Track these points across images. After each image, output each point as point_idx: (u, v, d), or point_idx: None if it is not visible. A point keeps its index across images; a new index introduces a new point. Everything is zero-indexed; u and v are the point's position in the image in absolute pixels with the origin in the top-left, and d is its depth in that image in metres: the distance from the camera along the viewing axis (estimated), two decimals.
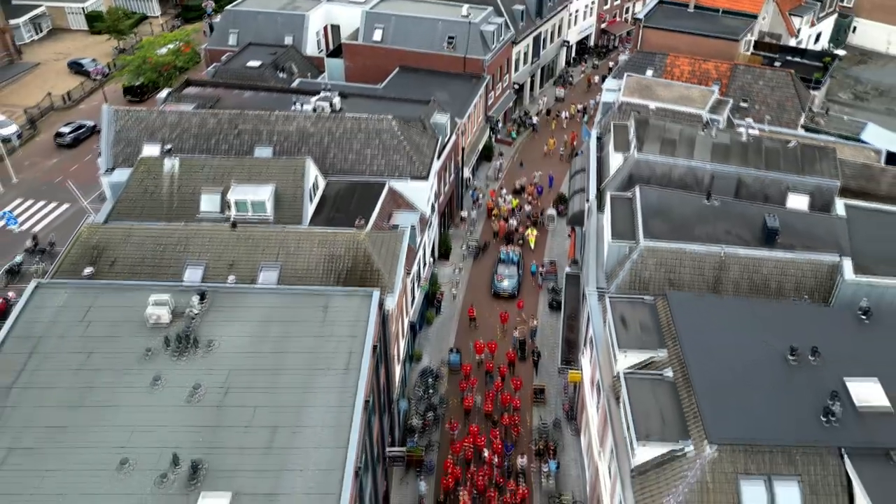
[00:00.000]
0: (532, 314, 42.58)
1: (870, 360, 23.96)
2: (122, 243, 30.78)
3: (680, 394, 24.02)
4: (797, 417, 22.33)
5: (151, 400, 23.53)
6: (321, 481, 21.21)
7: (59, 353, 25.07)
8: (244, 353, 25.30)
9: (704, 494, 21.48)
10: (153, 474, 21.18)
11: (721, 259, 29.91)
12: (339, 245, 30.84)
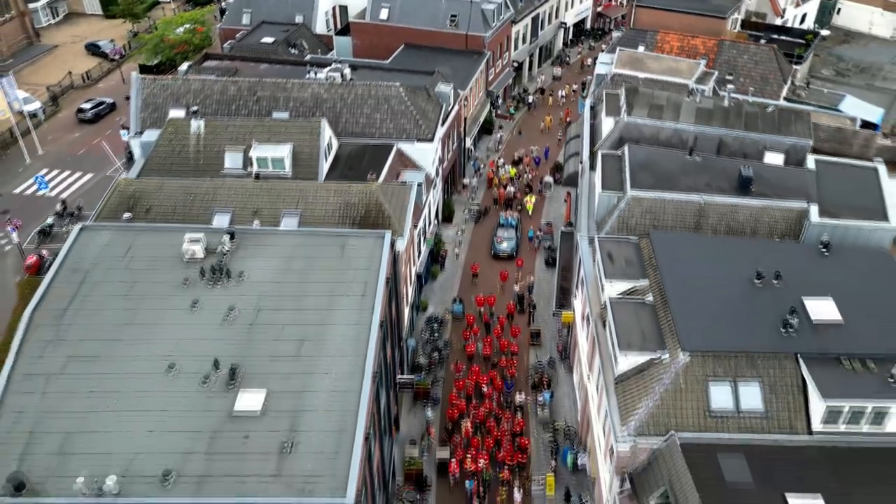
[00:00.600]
0: (529, 271, 45.74)
1: (826, 283, 27.07)
2: (155, 193, 33.87)
3: (658, 315, 27.14)
4: (760, 329, 25.48)
5: (191, 319, 26.62)
6: (344, 382, 24.31)
7: (106, 282, 28.15)
8: (271, 282, 28.37)
9: (678, 395, 24.60)
10: (197, 377, 24.30)
11: (701, 206, 32.91)
12: (353, 195, 33.92)
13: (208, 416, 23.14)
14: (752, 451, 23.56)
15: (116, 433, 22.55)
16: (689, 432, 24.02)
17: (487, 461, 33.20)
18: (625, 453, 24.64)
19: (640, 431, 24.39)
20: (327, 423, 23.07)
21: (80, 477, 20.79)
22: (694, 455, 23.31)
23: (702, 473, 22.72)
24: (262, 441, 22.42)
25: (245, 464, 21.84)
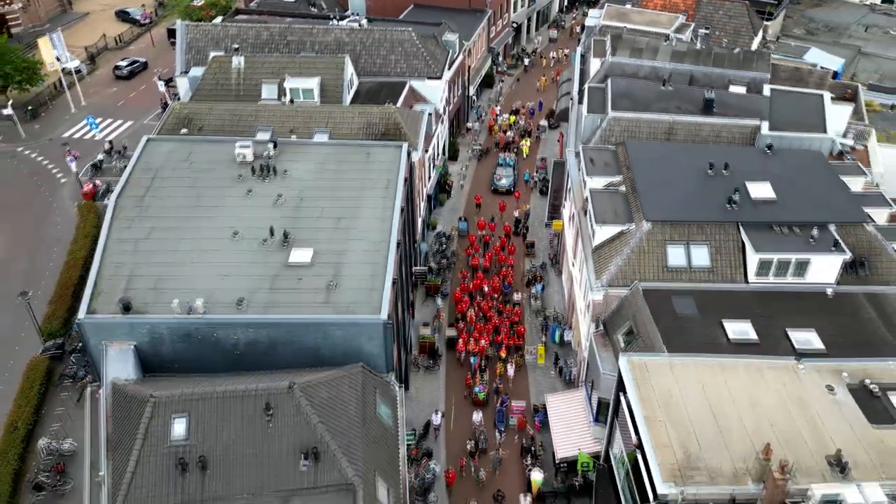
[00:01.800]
0: (526, 201, 51.64)
1: (766, 173, 33.04)
2: (206, 115, 39.73)
3: (629, 200, 33.08)
4: (709, 205, 31.51)
5: (248, 202, 32.56)
6: (374, 244, 30.29)
7: (174, 177, 34.06)
8: (310, 179, 34.31)
9: (641, 255, 30.62)
10: (257, 240, 30.28)
11: (670, 124, 38.78)
12: (374, 116, 39.78)
13: (269, 266, 29.16)
14: (699, 295, 29.60)
15: (196, 276, 28.60)
16: (650, 282, 30.08)
17: (488, 341, 39.34)
18: (599, 301, 30.67)
19: (611, 283, 30.41)
20: (363, 270, 29.09)
21: (175, 300, 26.86)
22: (652, 298, 29.35)
23: (658, 309, 28.78)
24: (312, 281, 28.46)
25: (301, 295, 27.90)
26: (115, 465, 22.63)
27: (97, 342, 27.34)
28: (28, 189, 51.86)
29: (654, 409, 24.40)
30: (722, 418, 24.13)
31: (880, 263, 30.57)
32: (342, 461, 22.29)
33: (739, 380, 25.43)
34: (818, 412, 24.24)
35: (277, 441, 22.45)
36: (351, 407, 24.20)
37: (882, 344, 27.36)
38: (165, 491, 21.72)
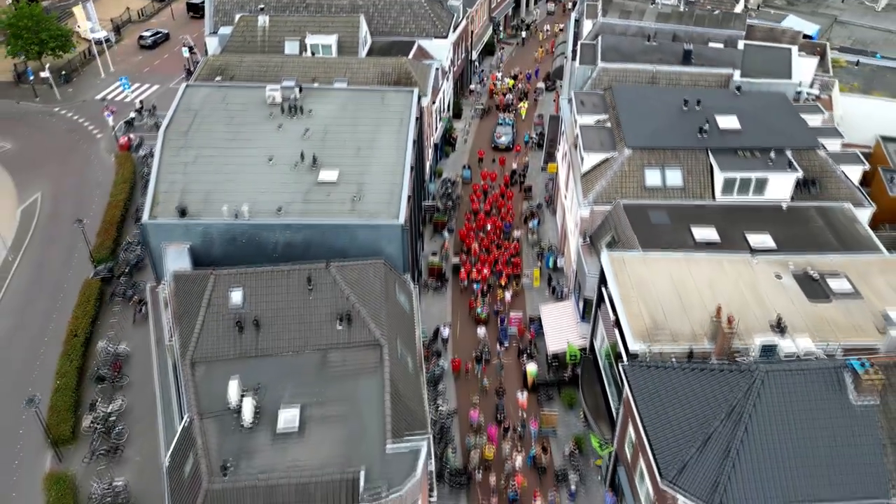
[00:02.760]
0: (524, 155, 56.16)
1: (734, 109, 37.57)
2: (236, 66, 44.29)
3: (613, 133, 37.60)
4: (683, 134, 36.07)
5: (279, 134, 37.07)
6: (391, 167, 34.82)
7: (213, 116, 38.55)
8: (333, 117, 38.79)
9: (623, 177, 35.20)
10: (289, 164, 34.82)
11: (653, 74, 43.27)
12: (387, 66, 44.31)
13: (301, 183, 33.77)
14: (672, 209, 34.22)
15: (240, 191, 33.16)
16: (630, 199, 34.64)
17: (490, 271, 43.92)
18: (586, 217, 35.28)
19: (596, 201, 35.01)
20: (382, 188, 33.70)
21: (224, 206, 31.48)
22: (632, 212, 33.94)
23: (636, 220, 33.37)
24: (339, 195, 33.08)
25: (330, 206, 32.53)
26: (182, 331, 27.29)
27: (157, 243, 32.06)
28: (68, 143, 56.49)
29: (629, 290, 29.03)
30: (685, 297, 28.76)
31: (830, 183, 35.19)
32: (370, 324, 26.93)
33: (701, 269, 30.05)
34: (766, 292, 28.88)
35: (317, 308, 27.13)
36: (376, 287, 28.86)
37: (826, 244, 31.98)
38: (226, 346, 26.42)
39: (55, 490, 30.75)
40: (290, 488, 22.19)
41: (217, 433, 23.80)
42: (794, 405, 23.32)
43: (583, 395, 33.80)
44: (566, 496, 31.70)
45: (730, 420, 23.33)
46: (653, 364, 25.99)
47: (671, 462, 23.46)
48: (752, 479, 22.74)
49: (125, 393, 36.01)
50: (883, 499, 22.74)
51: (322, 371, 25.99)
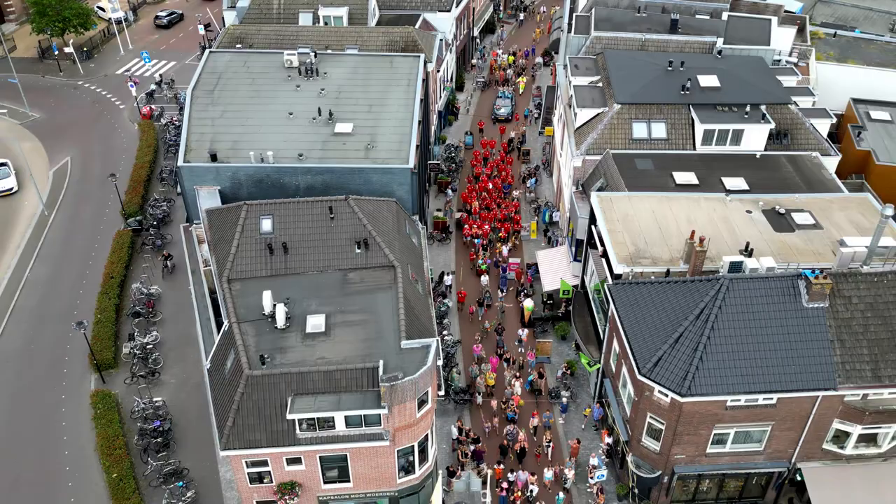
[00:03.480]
0: (523, 125, 59.51)
1: (715, 69, 41.00)
2: (255, 35, 47.65)
3: (604, 91, 40.92)
4: (667, 91, 39.44)
5: (297, 93, 40.48)
6: (401, 121, 38.17)
7: (235, 77, 41.94)
8: (345, 79, 42.16)
9: (612, 130, 38.58)
10: (308, 118, 38.19)
11: (643, 41, 46.58)
12: (395, 35, 47.64)
13: (319, 134, 37.17)
14: (656, 158, 37.63)
15: (264, 141, 36.58)
16: (618, 150, 37.98)
17: (490, 227, 47.31)
18: (579, 167, 38.65)
19: (588, 151, 38.42)
20: (393, 137, 37.10)
21: (251, 152, 34.86)
22: (619, 160, 37.30)
23: (623, 167, 36.76)
24: (354, 143, 36.49)
25: (346, 153, 35.93)
26: (219, 255, 30.72)
27: (190, 186, 35.48)
28: (93, 113, 59.85)
29: (615, 223, 32.45)
30: (664, 229, 32.17)
31: (800, 134, 38.56)
32: (385, 249, 30.33)
33: (680, 206, 33.45)
34: (737, 224, 32.29)
35: (337, 234, 30.53)
36: (389, 219, 32.30)
37: (794, 186, 35.38)
38: (258, 266, 29.85)
39: (101, 405, 34.30)
40: (319, 376, 25.63)
41: (254, 334, 27.26)
42: (754, 308, 26.76)
43: (574, 324, 37.28)
44: (559, 411, 35.23)
45: (698, 321, 26.76)
46: (634, 282, 29.40)
47: (647, 358, 26.90)
48: (716, 371, 26.18)
49: (158, 328, 39.53)
50: (831, 389, 26.22)
51: (343, 287, 29.43)
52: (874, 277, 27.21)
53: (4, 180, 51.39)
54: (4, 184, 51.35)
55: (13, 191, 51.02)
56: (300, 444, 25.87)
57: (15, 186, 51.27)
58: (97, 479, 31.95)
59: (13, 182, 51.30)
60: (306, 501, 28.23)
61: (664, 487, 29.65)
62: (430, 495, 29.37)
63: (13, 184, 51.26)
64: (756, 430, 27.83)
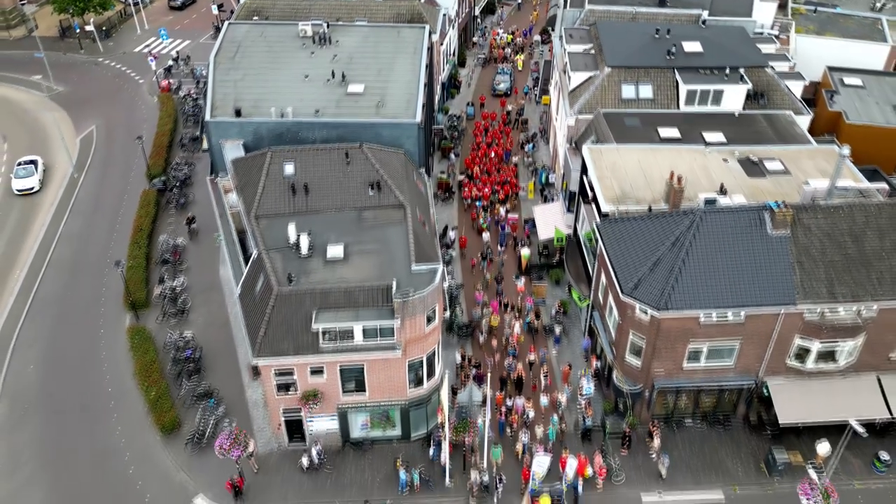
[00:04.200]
0: (521, 98, 62.82)
1: (699, 37, 44.08)
2: (270, 8, 51.02)
3: (596, 58, 44.18)
4: (654, 56, 42.73)
5: (312, 59, 43.77)
6: (408, 82, 41.42)
7: (254, 46, 45.20)
8: (356, 46, 45.43)
9: (603, 91, 41.88)
10: (322, 80, 41.47)
11: (633, 14, 49.81)
12: (402, 8, 51.04)
13: (333, 94, 40.50)
14: (643, 116, 40.95)
15: (283, 100, 39.87)
16: (608, 109, 41.24)
17: (490, 190, 50.59)
18: (572, 125, 41.93)
19: (580, 111, 41.70)
20: (401, 98, 40.40)
21: (272, 108, 38.13)
22: (609, 118, 40.57)
23: (613, 124, 40.03)
24: (366, 102, 39.83)
25: (358, 110, 39.28)
26: (246, 196, 34.06)
27: (217, 140, 38.81)
28: (114, 87, 63.13)
29: (604, 171, 35.77)
30: (648, 175, 35.49)
31: (775, 95, 41.84)
32: (396, 191, 33.70)
33: (664, 157, 36.75)
34: (714, 171, 35.62)
35: (353, 177, 33.91)
36: (398, 167, 35.67)
37: (767, 140, 38.68)
38: (282, 205, 33.25)
39: (137, 338, 37.71)
40: (339, 293, 28.99)
41: (280, 260, 30.64)
42: (724, 236, 30.09)
43: (567, 268, 40.66)
44: (552, 343, 38.60)
45: (674, 248, 30.09)
46: (619, 219, 32.72)
47: (629, 280, 30.25)
48: (690, 290, 29.52)
49: (185, 275, 42.88)
50: (791, 305, 29.55)
51: (358, 223, 32.80)
52: (831, 209, 30.53)
53: (27, 179, 50.74)
54: (26, 183, 50.69)
55: (34, 190, 50.44)
56: (322, 354, 29.27)
57: (37, 186, 50.66)
58: (136, 400, 35.39)
59: (35, 182, 50.63)
60: (327, 411, 31.67)
61: (646, 402, 33.03)
62: (436, 407, 32.80)
63: (35, 183, 50.58)
64: (726, 346, 31.22)
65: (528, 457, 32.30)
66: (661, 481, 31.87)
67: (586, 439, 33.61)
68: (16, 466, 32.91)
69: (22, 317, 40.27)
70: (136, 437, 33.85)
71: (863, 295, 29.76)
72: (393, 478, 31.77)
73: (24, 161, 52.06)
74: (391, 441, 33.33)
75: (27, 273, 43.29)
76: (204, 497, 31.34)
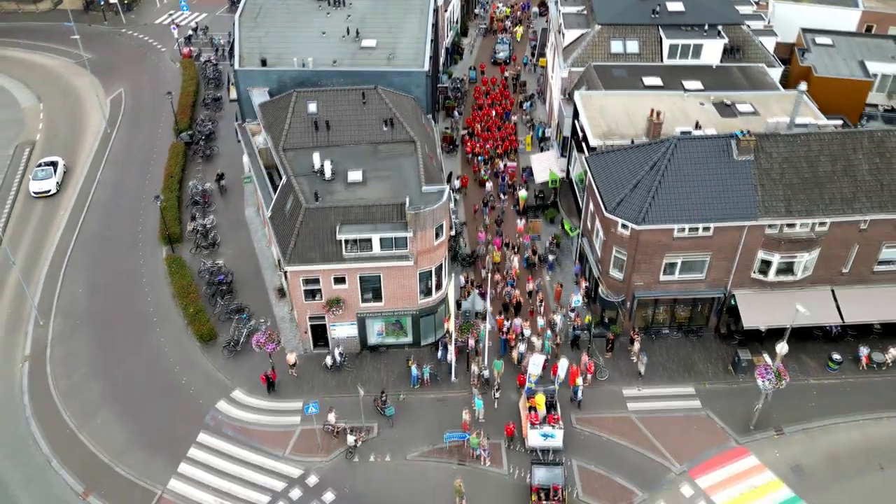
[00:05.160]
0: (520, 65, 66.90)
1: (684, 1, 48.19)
2: None
3: (588, 18, 48.27)
4: (640, 14, 46.71)
5: (328, 19, 47.95)
6: (416, 40, 45.51)
7: (274, 8, 49.29)
8: (368, 8, 49.45)
9: (594, 47, 45.96)
10: (338, 37, 45.62)
11: None
12: None
13: (348, 48, 44.73)
14: (630, 68, 45.02)
15: (303, 52, 44.02)
16: (598, 62, 45.35)
17: (491, 146, 54.76)
18: (565, 77, 46.08)
19: (573, 63, 45.80)
20: (410, 52, 44.57)
21: (294, 58, 42.29)
22: (599, 70, 44.67)
23: (602, 75, 44.16)
24: (378, 55, 44.03)
25: (372, 61, 43.50)
26: (273, 132, 38.30)
27: (244, 87, 43.02)
28: (138, 55, 67.29)
29: (593, 112, 39.99)
30: (632, 116, 39.71)
31: (750, 50, 45.99)
32: (407, 128, 37.97)
33: (647, 100, 40.91)
34: (691, 111, 39.84)
35: (368, 114, 38.20)
36: (410, 108, 39.97)
37: (741, 88, 42.83)
38: (307, 139, 37.57)
39: (174, 265, 42.06)
40: (359, 209, 33.33)
41: (307, 183, 34.93)
42: (695, 161, 34.33)
43: (560, 205, 44.91)
44: (547, 270, 42.92)
45: (651, 171, 34.34)
46: (605, 151, 36.93)
47: (612, 200, 34.51)
48: (665, 208, 33.81)
49: (214, 215, 47.17)
50: (753, 219, 33.79)
51: (374, 155, 37.13)
52: (789, 138, 34.73)
53: (45, 181, 49.20)
54: (43, 185, 49.11)
55: (50, 193, 49.09)
56: (345, 262, 33.55)
57: (54, 189, 49.19)
58: (176, 316, 39.83)
59: (53, 185, 49.13)
60: (348, 319, 35.97)
61: (627, 312, 37.32)
62: (443, 317, 37.10)
63: (52, 186, 49.12)
64: (698, 259, 35.49)
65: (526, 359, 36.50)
66: (640, 378, 36.31)
67: (575, 346, 38.00)
68: (75, 366, 37.50)
69: (69, 249, 44.79)
70: (178, 345, 38.29)
71: (816, 212, 34.04)
72: (406, 375, 36.23)
73: (43, 162, 51.11)
74: (403, 347, 37.72)
75: (70, 213, 47.80)
76: (241, 390, 35.84)
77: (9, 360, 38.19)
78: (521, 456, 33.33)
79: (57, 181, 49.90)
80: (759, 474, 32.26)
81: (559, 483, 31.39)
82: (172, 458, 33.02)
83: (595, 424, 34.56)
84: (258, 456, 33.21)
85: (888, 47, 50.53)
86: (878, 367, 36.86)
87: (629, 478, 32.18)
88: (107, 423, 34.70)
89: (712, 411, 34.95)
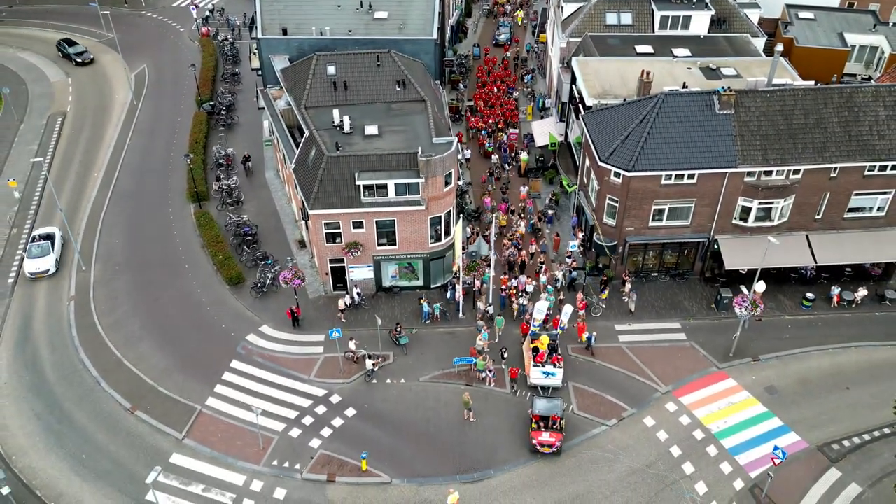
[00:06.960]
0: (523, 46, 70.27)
1: None
2: None
3: None
4: None
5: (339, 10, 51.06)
6: (424, 13, 48.85)
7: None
8: None
9: (591, 19, 49.48)
10: (352, 9, 48.92)
11: None
12: None
13: (362, 20, 48.19)
14: (623, 38, 48.46)
15: (320, 23, 47.37)
16: (595, 33, 48.71)
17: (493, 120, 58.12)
18: (564, 47, 49.46)
19: (571, 34, 49.19)
20: (419, 22, 48.02)
21: (313, 27, 45.72)
22: (595, 40, 48.03)
23: (597, 44, 47.55)
24: (390, 26, 47.62)
25: (384, 30, 46.99)
26: (296, 93, 41.76)
27: (266, 55, 46.46)
28: (158, 35, 70.74)
29: (588, 75, 43.42)
30: (625, 78, 43.18)
31: (735, 21, 49.40)
32: (418, 88, 41.40)
33: (639, 65, 44.31)
34: (679, 75, 43.26)
35: (382, 76, 41.69)
36: (419, 71, 43.42)
37: (726, 55, 46.16)
38: (327, 98, 41.08)
39: (203, 218, 45.60)
40: (375, 157, 36.82)
41: (328, 135, 38.39)
42: (680, 114, 37.76)
43: (558, 165, 48.31)
44: (546, 223, 46.36)
45: (641, 124, 37.77)
46: (600, 109, 40.34)
47: (605, 150, 37.92)
48: (653, 157, 37.23)
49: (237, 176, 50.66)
50: (733, 167, 37.19)
51: (388, 113, 40.62)
52: (766, 94, 38.15)
53: (42, 259, 42.67)
54: (42, 264, 42.56)
55: (49, 273, 42.75)
56: (363, 207, 37.02)
57: (52, 269, 42.86)
58: (206, 263, 43.44)
59: (51, 263, 42.74)
60: (364, 262, 39.43)
61: (619, 257, 40.76)
62: (451, 262, 40.56)
63: (50, 265, 42.74)
64: (684, 206, 38.94)
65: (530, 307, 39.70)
66: (630, 315, 39.81)
67: (571, 288, 41.46)
68: (116, 304, 41.15)
69: (105, 204, 48.40)
70: (209, 288, 41.88)
71: (790, 160, 37.46)
72: (418, 313, 39.75)
73: (38, 235, 44.30)
74: (415, 289, 41.21)
75: (104, 174, 51.38)
76: (268, 326, 39.40)
77: (57, 300, 41.86)
78: (522, 383, 36.78)
79: (56, 258, 43.48)
80: (737, 394, 35.79)
81: (558, 413, 34.68)
82: (209, 380, 36.62)
83: (589, 352, 38.02)
84: (286, 379, 36.81)
85: (866, 21, 54.00)
86: (847, 305, 40.39)
87: (619, 396, 35.71)
88: (148, 352, 38.36)
89: (696, 342, 38.46)
